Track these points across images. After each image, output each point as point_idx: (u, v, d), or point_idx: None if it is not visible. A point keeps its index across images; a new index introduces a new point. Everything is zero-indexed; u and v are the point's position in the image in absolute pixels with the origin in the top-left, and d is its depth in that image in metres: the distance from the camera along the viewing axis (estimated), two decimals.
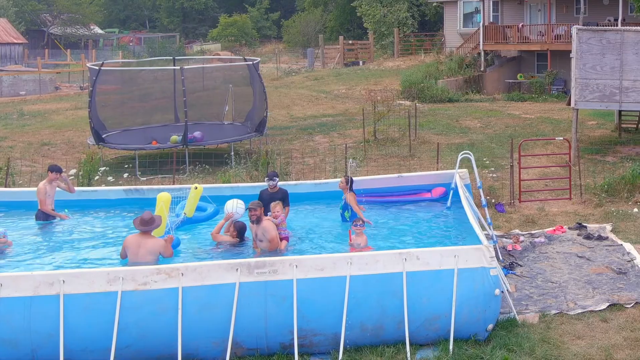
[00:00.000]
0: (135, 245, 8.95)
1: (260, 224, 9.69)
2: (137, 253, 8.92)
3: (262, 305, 7.98)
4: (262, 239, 9.68)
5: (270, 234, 9.65)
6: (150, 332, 7.82)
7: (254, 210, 9.66)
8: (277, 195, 10.91)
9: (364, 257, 8.22)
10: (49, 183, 11.36)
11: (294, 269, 8.06)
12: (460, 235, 10.33)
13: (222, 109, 20.39)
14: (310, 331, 8.05)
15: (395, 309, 8.10)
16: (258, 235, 9.68)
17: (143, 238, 9.02)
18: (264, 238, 9.60)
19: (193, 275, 7.95)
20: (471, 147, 19.59)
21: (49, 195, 11.33)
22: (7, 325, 7.63)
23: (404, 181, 12.52)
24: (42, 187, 11.28)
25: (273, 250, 9.51)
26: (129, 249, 8.98)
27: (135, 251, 8.93)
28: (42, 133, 22.95)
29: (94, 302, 7.77)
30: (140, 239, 9.00)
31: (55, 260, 9.91)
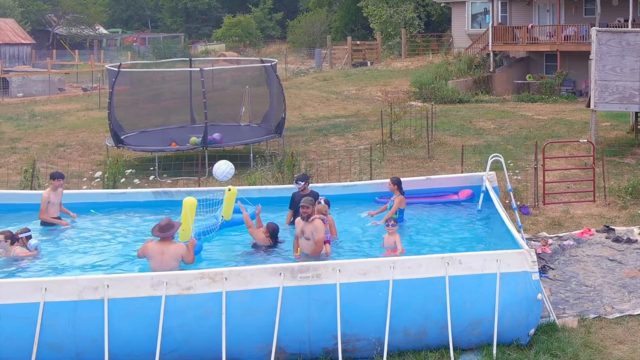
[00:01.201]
0: (158, 252, 8.86)
1: (311, 222, 9.49)
2: (161, 260, 8.83)
3: (305, 310, 7.95)
4: (310, 238, 9.44)
5: (319, 234, 9.43)
6: (194, 336, 7.81)
7: (306, 207, 9.50)
8: (308, 197, 10.87)
9: (407, 261, 8.20)
10: (53, 191, 11.13)
11: (337, 273, 8.04)
12: (494, 238, 10.29)
13: (239, 110, 20.34)
14: (353, 336, 8.03)
15: (439, 313, 8.08)
16: (305, 233, 9.44)
17: (164, 244, 8.93)
18: (311, 237, 9.38)
19: (237, 279, 7.93)
20: (488, 149, 19.63)
21: (53, 203, 11.09)
22: (52, 330, 7.61)
23: (432, 183, 12.50)
24: (46, 196, 11.03)
25: (316, 251, 9.39)
26: (151, 256, 8.88)
27: (159, 258, 8.85)
28: (55, 134, 22.93)
29: (138, 307, 7.75)
30: (162, 246, 8.92)
31: (86, 262, 9.88)
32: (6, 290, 7.56)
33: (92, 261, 9.90)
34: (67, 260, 9.71)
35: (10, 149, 20.65)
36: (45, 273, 9.25)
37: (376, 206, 11.86)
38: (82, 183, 15.03)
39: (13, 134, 23.09)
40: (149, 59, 49.97)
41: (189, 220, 9.69)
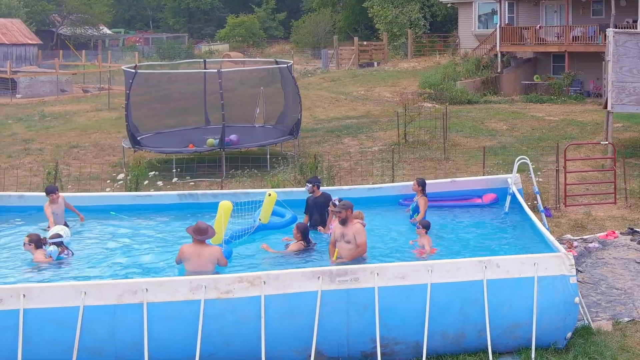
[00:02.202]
0: (194, 254, 8.86)
1: (351, 226, 9.36)
2: (197, 262, 8.83)
3: (343, 314, 7.94)
4: (351, 241, 9.31)
5: (362, 237, 9.29)
6: (233, 340, 7.79)
7: (339, 212, 9.35)
8: (319, 199, 10.92)
9: (445, 264, 8.19)
10: (54, 203, 11.02)
11: (375, 277, 8.02)
12: (525, 241, 10.28)
13: (250, 111, 20.33)
14: (392, 339, 8.01)
15: (476, 316, 8.07)
16: (346, 236, 9.31)
17: (200, 247, 8.93)
18: (352, 240, 9.26)
19: (275, 283, 7.91)
20: (503, 150, 19.65)
21: (57, 213, 10.97)
22: (91, 334, 7.58)
23: (457, 186, 12.48)
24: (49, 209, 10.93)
25: (355, 255, 9.34)
26: (187, 258, 8.88)
27: (195, 260, 8.84)
28: (68, 135, 22.90)
29: (176, 311, 7.73)
30: (199, 248, 8.92)
31: (112, 265, 9.85)
32: (47, 295, 7.54)
33: (118, 264, 9.89)
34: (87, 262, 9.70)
35: (24, 150, 20.63)
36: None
37: (402, 210, 11.84)
38: (105, 185, 15.01)
39: (25, 134, 23.08)
40: (154, 59, 49.93)
41: (222, 223, 9.68)
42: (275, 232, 10.83)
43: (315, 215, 10.92)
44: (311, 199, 11.02)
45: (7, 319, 7.45)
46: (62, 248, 9.75)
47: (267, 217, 10.91)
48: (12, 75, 31.93)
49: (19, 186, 15.90)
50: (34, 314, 7.51)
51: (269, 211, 10.88)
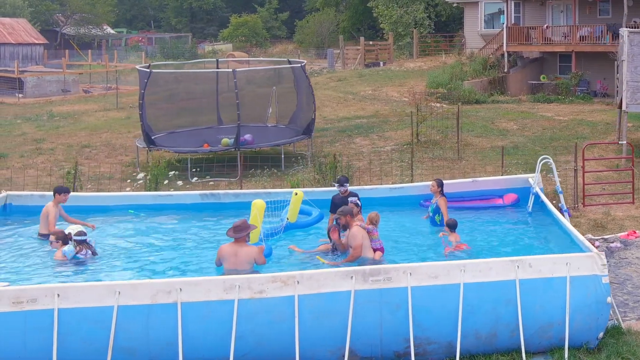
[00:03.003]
0: (231, 254, 8.89)
1: (349, 230, 9.54)
2: (234, 262, 8.86)
3: (377, 313, 7.94)
4: (351, 245, 9.49)
5: (355, 241, 9.36)
6: (266, 340, 7.78)
7: (338, 218, 9.47)
8: (347, 199, 10.90)
9: (478, 264, 8.18)
10: (56, 205, 10.70)
11: (408, 277, 8.01)
12: (550, 240, 10.28)
13: (261, 111, 20.31)
14: (425, 339, 8.00)
15: (509, 316, 8.07)
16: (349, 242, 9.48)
17: (238, 246, 8.96)
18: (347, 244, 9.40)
19: (309, 283, 7.90)
20: (516, 150, 19.64)
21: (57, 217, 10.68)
22: (126, 333, 7.57)
23: (478, 185, 12.48)
24: (53, 209, 10.61)
25: (351, 259, 9.35)
26: (225, 258, 8.91)
27: (232, 260, 8.87)
28: (78, 135, 22.87)
29: (210, 311, 7.72)
30: (236, 247, 8.94)
31: (135, 265, 9.84)
32: (81, 294, 7.53)
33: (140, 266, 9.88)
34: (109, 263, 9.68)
35: (35, 150, 20.60)
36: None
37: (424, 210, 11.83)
38: (124, 185, 14.99)
39: (35, 134, 23.04)
40: (157, 59, 49.87)
41: (258, 222, 9.69)
42: (303, 231, 10.82)
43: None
44: (338, 198, 11.03)
45: (42, 319, 7.45)
46: (81, 247, 9.69)
47: (295, 216, 10.91)
48: (19, 75, 31.86)
49: (33, 186, 15.89)
50: (68, 313, 7.50)
51: (296, 210, 10.88)
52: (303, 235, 10.78)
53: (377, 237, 9.75)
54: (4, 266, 9.40)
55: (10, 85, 32.68)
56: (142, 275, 9.38)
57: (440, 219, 10.73)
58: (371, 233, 9.65)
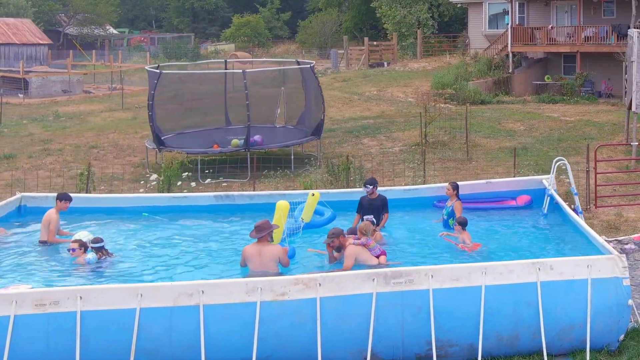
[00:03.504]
0: (255, 254, 8.92)
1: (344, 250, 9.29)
2: (259, 262, 8.89)
3: (398, 316, 7.94)
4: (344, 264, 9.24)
5: (347, 262, 9.13)
6: (289, 342, 7.78)
7: (331, 242, 9.24)
8: (376, 202, 10.92)
9: (499, 266, 8.18)
10: (57, 212, 10.48)
11: (430, 279, 8.01)
12: (568, 242, 10.27)
13: (273, 112, 20.31)
14: (447, 342, 8.01)
15: (531, 319, 8.08)
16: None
17: (261, 246, 9.00)
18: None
19: (330, 285, 7.90)
20: (525, 151, 19.63)
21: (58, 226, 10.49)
22: (148, 336, 7.57)
23: (493, 187, 12.47)
24: (55, 217, 10.38)
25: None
26: (249, 258, 8.94)
27: (257, 260, 8.90)
28: (85, 135, 22.86)
29: (232, 313, 7.72)
30: (259, 247, 8.98)
31: (152, 268, 9.82)
32: (103, 296, 7.52)
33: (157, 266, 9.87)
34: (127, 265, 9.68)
35: (43, 150, 20.59)
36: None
37: (438, 213, 11.82)
38: (138, 186, 14.98)
39: (42, 135, 23.03)
40: (160, 59, 49.86)
41: (282, 223, 9.70)
42: (316, 231, 10.81)
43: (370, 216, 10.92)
44: (366, 199, 11.03)
45: (65, 321, 7.44)
46: (100, 253, 9.68)
47: (310, 216, 10.90)
48: (24, 76, 31.85)
49: (43, 187, 15.89)
50: (90, 316, 7.49)
51: (311, 210, 10.88)
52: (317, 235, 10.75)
53: (374, 245, 9.48)
54: (22, 268, 9.39)
55: (15, 86, 32.66)
56: (159, 278, 9.36)
57: (454, 223, 10.70)
58: (367, 244, 9.34)
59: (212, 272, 9.55)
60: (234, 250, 10.28)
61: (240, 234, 10.98)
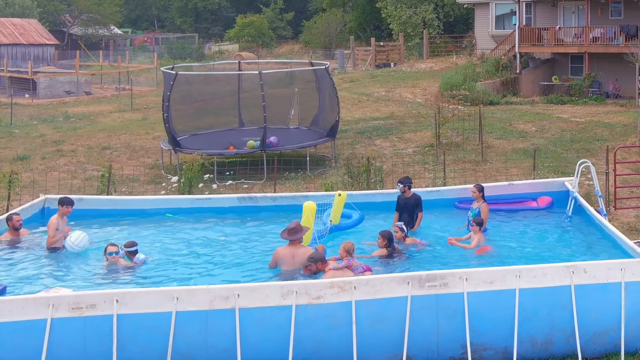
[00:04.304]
0: (289, 255, 8.95)
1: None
2: (292, 263, 8.92)
3: (433, 319, 7.94)
4: None
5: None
6: (324, 346, 7.79)
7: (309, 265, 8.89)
8: (410, 200, 11.04)
9: (533, 270, 8.17)
10: (61, 218, 10.34)
11: (464, 282, 8.01)
12: (592, 244, 10.26)
13: (286, 113, 20.31)
14: (481, 345, 8.00)
15: (565, 322, 8.08)
16: None
17: (294, 248, 9.03)
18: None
19: (365, 288, 7.90)
20: (539, 153, 19.56)
21: (60, 231, 10.26)
22: (184, 339, 7.57)
23: (515, 189, 12.48)
24: (55, 222, 10.18)
25: None
26: (283, 260, 8.95)
27: (290, 261, 8.93)
28: (97, 136, 22.84)
29: (268, 316, 7.72)
30: (293, 249, 9.01)
31: (180, 270, 9.82)
32: (140, 300, 7.52)
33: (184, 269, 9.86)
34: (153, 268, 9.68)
35: (56, 151, 20.57)
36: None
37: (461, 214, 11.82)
38: (157, 188, 14.98)
39: (54, 136, 23.01)
40: (165, 59, 49.86)
41: (310, 224, 9.70)
42: (344, 233, 10.81)
43: (405, 215, 11.03)
44: (402, 198, 11.19)
45: (101, 325, 7.44)
46: (134, 257, 9.69)
47: (338, 217, 10.90)
48: (32, 76, 31.83)
49: (59, 188, 15.87)
50: (127, 319, 7.49)
51: (339, 212, 10.87)
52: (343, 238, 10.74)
53: (357, 264, 9.00)
54: (52, 272, 9.38)
55: (22, 86, 32.63)
56: (187, 280, 9.36)
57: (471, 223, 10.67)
58: (349, 265, 8.90)
59: (239, 274, 9.54)
60: (260, 252, 10.29)
61: (264, 236, 10.99)
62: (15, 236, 10.40)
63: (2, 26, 36.79)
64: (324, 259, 8.91)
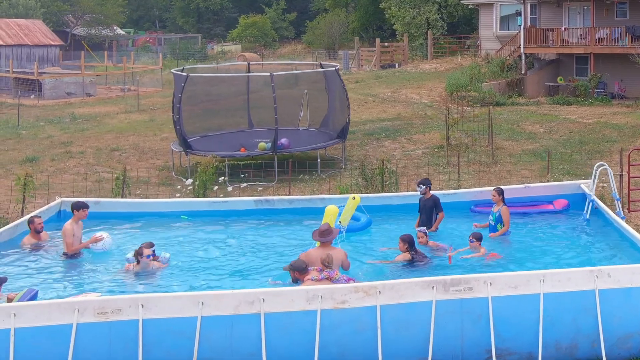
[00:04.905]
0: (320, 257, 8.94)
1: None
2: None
3: (458, 324, 7.92)
4: None
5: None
6: (349, 350, 7.77)
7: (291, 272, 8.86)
8: (428, 202, 11.09)
9: (557, 274, 8.16)
10: (76, 223, 10.18)
11: (489, 287, 7.99)
12: (612, 248, 10.25)
13: (294, 114, 20.28)
14: (505, 350, 7.99)
15: (589, 327, 8.06)
16: None
17: (327, 250, 9.02)
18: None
19: (390, 293, 7.88)
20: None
21: (77, 237, 10.13)
22: (209, 344, 7.56)
23: (531, 191, 12.47)
24: (70, 228, 9.98)
25: None
26: (315, 262, 8.95)
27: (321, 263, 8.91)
28: (104, 138, 22.80)
29: (293, 321, 7.70)
30: (325, 251, 9.00)
31: (200, 273, 9.80)
32: (165, 305, 7.50)
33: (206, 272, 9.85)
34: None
35: (65, 153, 20.54)
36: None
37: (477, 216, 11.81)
38: (172, 190, 14.96)
39: (61, 137, 22.97)
40: (168, 60, 49.84)
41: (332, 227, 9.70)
42: (352, 235, 10.81)
43: (423, 217, 11.08)
44: (422, 200, 11.30)
45: (127, 329, 7.42)
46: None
47: (348, 220, 10.88)
48: (38, 77, 31.81)
49: (70, 190, 15.84)
50: (152, 324, 7.47)
51: (350, 214, 10.85)
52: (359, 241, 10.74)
53: (339, 276, 8.77)
54: (76, 276, 9.37)
55: (28, 87, 32.59)
56: (206, 284, 9.34)
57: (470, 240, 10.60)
58: (330, 277, 8.71)
59: (260, 278, 9.52)
60: (278, 255, 10.28)
61: (282, 239, 10.98)
62: (36, 240, 10.38)
63: (7, 27, 36.77)
64: (302, 269, 8.72)
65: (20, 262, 9.72)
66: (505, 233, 10.72)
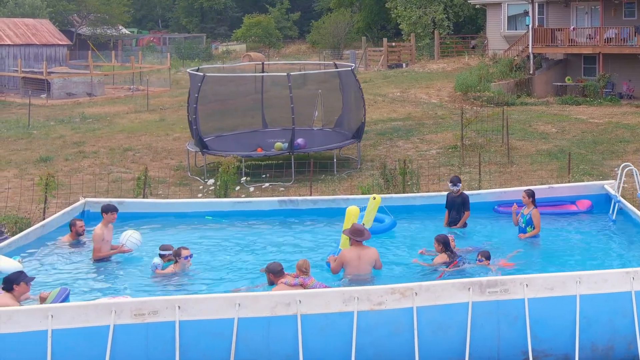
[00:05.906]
0: (355, 257, 9.02)
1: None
2: (357, 265, 9.00)
3: (494, 325, 7.89)
4: None
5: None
6: (385, 352, 7.74)
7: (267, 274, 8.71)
8: (457, 199, 11.15)
9: (593, 276, 8.13)
10: (106, 226, 10.01)
11: (525, 288, 7.96)
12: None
13: (309, 114, 20.25)
14: (542, 352, 7.96)
15: (625, 328, 8.03)
16: None
17: (360, 249, 9.08)
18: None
19: (426, 294, 7.85)
20: (564, 155, 19.52)
21: (107, 241, 9.99)
22: (246, 346, 7.53)
23: (555, 192, 12.44)
24: (100, 233, 9.84)
25: None
26: (349, 262, 8.98)
27: (355, 263, 8.99)
28: (116, 138, 22.77)
29: (329, 323, 7.67)
30: (359, 251, 9.07)
31: (225, 273, 9.77)
32: (202, 306, 7.47)
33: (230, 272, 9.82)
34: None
35: (78, 153, 20.52)
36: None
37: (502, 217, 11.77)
38: (197, 191, 14.93)
39: (73, 137, 22.95)
40: (173, 59, 49.79)
41: None
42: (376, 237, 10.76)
43: (453, 212, 11.16)
44: (450, 196, 11.39)
45: (163, 331, 7.39)
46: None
47: (371, 221, 10.83)
48: (47, 77, 31.77)
49: (87, 190, 15.81)
50: (189, 325, 7.44)
51: (372, 215, 10.81)
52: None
53: (314, 282, 8.53)
54: (111, 278, 9.34)
55: (36, 87, 32.54)
56: (235, 285, 9.31)
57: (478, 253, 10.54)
58: (305, 284, 8.48)
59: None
60: (303, 256, 10.22)
61: (306, 239, 10.94)
62: (75, 239, 10.35)
63: (15, 26, 36.73)
64: (277, 272, 8.55)
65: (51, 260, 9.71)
66: (534, 236, 10.68)
